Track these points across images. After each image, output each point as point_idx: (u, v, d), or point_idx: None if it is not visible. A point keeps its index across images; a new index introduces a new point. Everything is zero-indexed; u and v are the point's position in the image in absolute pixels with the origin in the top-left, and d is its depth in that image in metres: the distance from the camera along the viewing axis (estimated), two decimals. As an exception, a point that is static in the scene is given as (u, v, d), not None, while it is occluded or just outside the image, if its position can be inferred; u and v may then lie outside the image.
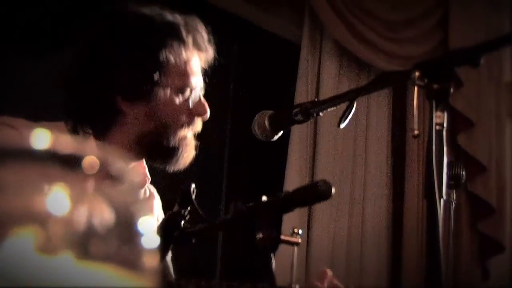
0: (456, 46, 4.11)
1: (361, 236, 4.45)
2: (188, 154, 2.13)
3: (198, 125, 2.15)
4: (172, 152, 2.10)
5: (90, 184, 0.54)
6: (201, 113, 2.14)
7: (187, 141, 2.12)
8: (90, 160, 0.53)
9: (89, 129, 2.07)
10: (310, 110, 1.91)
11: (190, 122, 2.12)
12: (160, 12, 2.13)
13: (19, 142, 0.55)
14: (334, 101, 1.90)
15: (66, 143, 0.55)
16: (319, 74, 4.49)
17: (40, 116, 2.04)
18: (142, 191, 2.25)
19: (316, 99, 1.99)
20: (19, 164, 0.53)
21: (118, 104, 2.06)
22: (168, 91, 2.08)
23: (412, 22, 4.67)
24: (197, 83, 2.14)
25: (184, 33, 2.10)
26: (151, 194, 2.29)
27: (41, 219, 0.52)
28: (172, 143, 2.09)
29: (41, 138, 0.55)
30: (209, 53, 2.19)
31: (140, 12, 2.12)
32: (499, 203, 4.50)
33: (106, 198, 0.54)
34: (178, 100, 2.10)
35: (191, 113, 2.12)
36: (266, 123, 1.95)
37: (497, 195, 4.50)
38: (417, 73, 1.55)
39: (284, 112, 1.96)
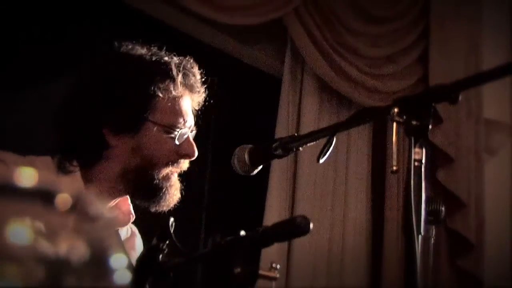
0: (436, 82, 4.14)
1: (341, 270, 4.44)
2: (172, 195, 2.12)
3: (183, 165, 2.15)
4: (156, 191, 2.10)
5: (70, 221, 0.54)
6: (188, 154, 2.14)
7: (171, 182, 2.12)
8: (63, 197, 0.53)
9: (76, 164, 2.07)
10: (290, 145, 1.92)
11: (175, 162, 2.12)
12: (155, 51, 2.14)
13: (7, 177, 0.55)
14: (313, 136, 1.91)
15: (51, 180, 0.55)
16: (300, 108, 4.50)
17: (26, 150, 2.05)
18: (125, 230, 2.24)
19: (296, 134, 2.00)
20: (3, 199, 0.53)
21: (105, 136, 2.06)
22: (156, 128, 2.09)
23: (393, 58, 4.71)
24: (186, 123, 2.14)
25: (175, 72, 2.11)
26: (132, 233, 2.28)
27: (19, 254, 0.51)
28: (156, 181, 2.09)
29: (27, 175, 0.55)
30: (201, 94, 2.20)
31: (133, 50, 2.13)
32: (478, 239, 4.52)
33: (83, 235, 0.54)
34: (165, 137, 2.10)
35: (178, 153, 2.12)
36: (246, 157, 1.95)
37: (476, 231, 4.52)
38: (396, 109, 1.56)
39: (264, 146, 1.96)
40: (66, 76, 2.22)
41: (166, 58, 2.14)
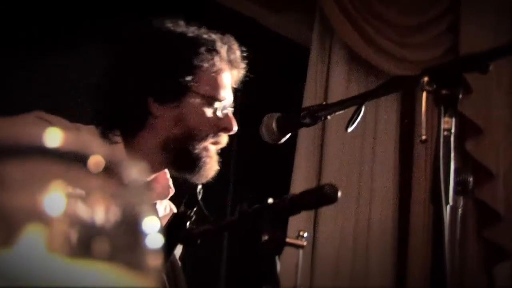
0: (466, 52, 4.10)
1: (367, 240, 4.44)
2: (211, 167, 2.15)
3: (223, 139, 2.17)
4: (196, 161, 2.12)
5: (106, 186, 0.54)
6: (227, 128, 2.17)
7: (210, 153, 2.14)
8: (95, 159, 0.53)
9: (119, 134, 2.09)
10: (318, 113, 1.91)
11: (215, 135, 2.14)
12: (195, 27, 2.16)
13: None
14: (342, 104, 1.90)
15: (96, 147, 0.55)
16: (328, 77, 4.49)
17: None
18: (163, 207, 2.27)
19: (324, 102, 1.99)
20: (47, 160, 0.53)
21: (149, 105, 2.09)
22: (198, 99, 2.11)
23: (423, 27, 4.66)
24: (226, 97, 2.16)
25: (219, 45, 2.14)
26: (171, 210, 2.31)
27: (53, 217, 0.52)
28: (196, 152, 2.11)
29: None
30: (241, 71, 2.22)
31: (176, 25, 2.16)
32: (506, 210, 4.49)
33: (118, 200, 0.54)
34: (206, 109, 2.12)
35: (218, 126, 2.14)
36: (274, 125, 1.95)
37: (504, 203, 4.49)
38: (425, 79, 1.55)
39: (292, 115, 1.96)
40: (104, 44, 2.23)
41: (206, 33, 2.17)
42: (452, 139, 1.52)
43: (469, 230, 4.51)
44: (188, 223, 1.74)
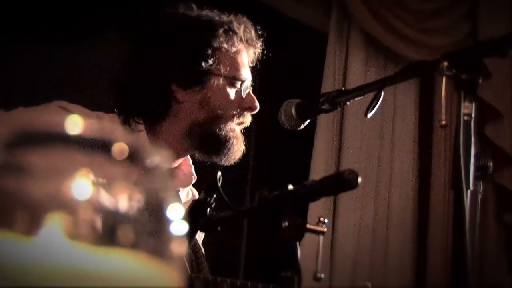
0: (485, 37, 4.08)
1: (387, 226, 4.43)
2: (238, 147, 2.16)
3: (247, 119, 2.18)
4: (224, 143, 2.14)
5: (131, 173, 0.55)
6: (251, 107, 2.19)
7: (236, 134, 2.16)
8: (119, 146, 0.54)
9: (141, 122, 2.11)
10: (337, 99, 1.91)
11: (239, 115, 2.16)
12: (208, 12, 2.18)
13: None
14: (361, 90, 1.90)
15: (119, 135, 0.55)
16: (346, 63, 4.47)
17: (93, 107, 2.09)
18: (185, 192, 2.28)
19: (343, 88, 1.99)
20: (70, 148, 0.54)
21: (173, 91, 2.10)
22: (221, 81, 2.13)
23: (441, 12, 4.64)
24: (247, 77, 2.18)
25: (236, 26, 2.17)
26: (193, 196, 2.32)
27: (78, 205, 0.52)
28: (222, 133, 2.13)
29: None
30: (257, 50, 2.24)
31: (190, 10, 2.17)
32: (526, 195, 4.47)
33: (142, 187, 0.55)
34: (229, 90, 2.15)
35: (241, 106, 2.16)
36: (293, 111, 1.95)
37: (524, 187, 4.47)
38: (445, 63, 1.54)
39: (311, 101, 1.96)
40: (124, 33, 2.25)
41: (221, 15, 2.19)
42: (472, 124, 1.52)
43: (489, 215, 4.49)
44: (208, 210, 1.74)
